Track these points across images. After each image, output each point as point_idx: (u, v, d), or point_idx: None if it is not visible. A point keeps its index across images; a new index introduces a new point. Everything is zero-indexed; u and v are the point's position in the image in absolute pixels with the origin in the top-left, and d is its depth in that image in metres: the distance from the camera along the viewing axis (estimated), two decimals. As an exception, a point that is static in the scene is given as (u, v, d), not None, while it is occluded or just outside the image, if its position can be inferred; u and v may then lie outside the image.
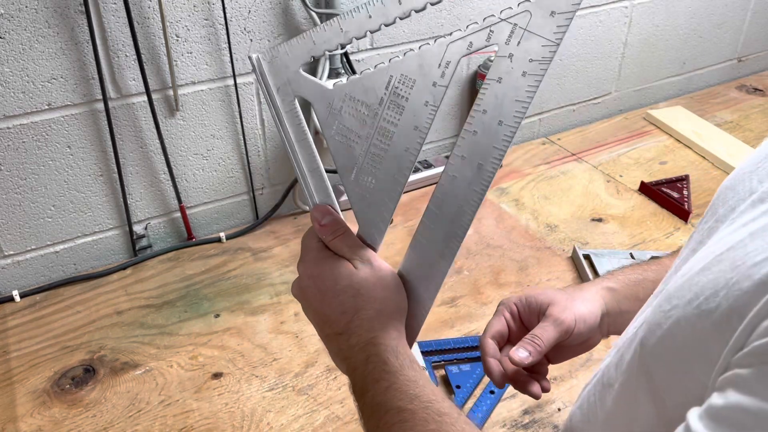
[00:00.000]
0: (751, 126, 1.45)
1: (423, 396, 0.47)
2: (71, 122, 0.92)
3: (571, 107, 1.45)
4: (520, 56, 0.45)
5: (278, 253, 1.07)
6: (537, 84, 0.44)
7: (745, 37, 1.65)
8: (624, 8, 1.38)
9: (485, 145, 0.47)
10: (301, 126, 0.52)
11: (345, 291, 0.53)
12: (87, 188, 0.99)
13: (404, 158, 0.51)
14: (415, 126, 0.50)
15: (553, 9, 0.43)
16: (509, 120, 0.46)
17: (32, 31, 0.84)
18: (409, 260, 0.54)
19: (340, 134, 0.52)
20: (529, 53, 0.44)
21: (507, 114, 0.46)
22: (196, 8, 0.94)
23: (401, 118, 0.50)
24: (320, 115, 0.51)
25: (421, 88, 0.49)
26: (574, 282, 1.00)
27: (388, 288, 0.53)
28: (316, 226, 0.55)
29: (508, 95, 0.46)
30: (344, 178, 0.53)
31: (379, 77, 0.50)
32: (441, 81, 0.49)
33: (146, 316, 0.94)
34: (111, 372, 0.85)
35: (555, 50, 0.43)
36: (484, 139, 0.47)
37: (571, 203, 1.18)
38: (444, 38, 0.48)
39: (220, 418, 0.79)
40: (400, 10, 0.48)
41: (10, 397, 0.82)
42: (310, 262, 0.55)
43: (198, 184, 1.08)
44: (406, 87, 0.50)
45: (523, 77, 0.45)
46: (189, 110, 1.01)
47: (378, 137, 0.51)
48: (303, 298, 0.55)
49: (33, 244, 0.99)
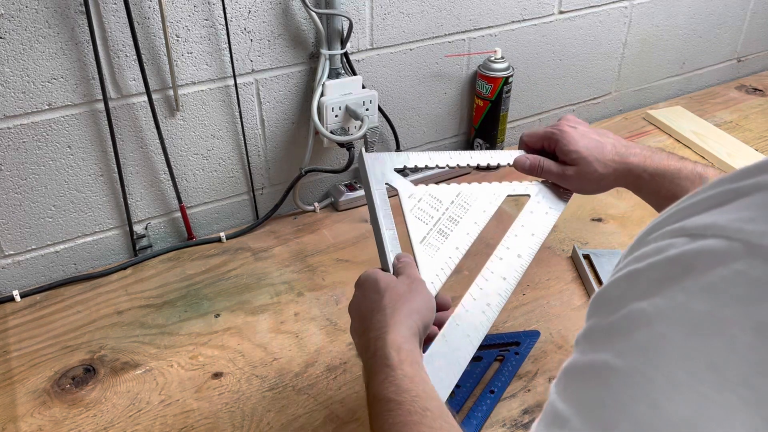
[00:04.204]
0: (751, 126, 1.45)
1: (413, 391, 0.50)
2: (71, 122, 0.93)
3: (571, 107, 1.46)
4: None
5: (278, 253, 1.07)
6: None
7: (745, 38, 1.65)
8: (623, 8, 1.38)
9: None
10: (387, 202, 0.72)
11: (378, 292, 0.61)
12: (87, 188, 0.99)
13: (463, 240, 0.72)
14: (475, 222, 0.74)
15: None
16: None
17: (32, 31, 0.84)
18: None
19: (417, 212, 0.72)
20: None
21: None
22: (196, 8, 0.94)
23: (465, 215, 0.74)
24: (402, 199, 0.72)
25: (481, 203, 0.76)
26: (574, 282, 1.00)
27: (416, 300, 0.60)
28: (396, 262, 0.67)
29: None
30: (413, 242, 0.70)
31: (451, 190, 0.75)
32: (489, 208, 0.76)
33: (146, 315, 0.94)
34: (111, 372, 0.85)
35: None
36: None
37: (571, 203, 1.18)
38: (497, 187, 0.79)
39: (220, 417, 0.79)
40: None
41: (11, 396, 0.82)
42: (361, 279, 0.65)
43: (198, 184, 1.08)
44: (470, 198, 0.76)
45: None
46: (189, 110, 1.01)
47: (445, 221, 0.73)
48: (351, 313, 0.65)
49: (33, 244, 0.99)
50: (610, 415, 0.30)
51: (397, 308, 0.58)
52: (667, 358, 0.29)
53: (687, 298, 0.29)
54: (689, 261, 0.29)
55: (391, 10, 1.10)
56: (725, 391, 0.27)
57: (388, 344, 0.54)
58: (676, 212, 0.32)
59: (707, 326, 0.28)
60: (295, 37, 1.03)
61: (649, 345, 0.30)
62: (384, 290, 0.60)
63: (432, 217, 0.72)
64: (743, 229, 0.27)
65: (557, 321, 0.92)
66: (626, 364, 0.30)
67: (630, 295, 0.31)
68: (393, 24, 1.11)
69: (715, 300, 0.28)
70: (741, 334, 0.27)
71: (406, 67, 1.16)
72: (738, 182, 0.29)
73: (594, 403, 0.31)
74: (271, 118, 1.08)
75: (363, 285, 0.64)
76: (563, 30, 1.32)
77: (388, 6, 1.09)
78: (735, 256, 0.27)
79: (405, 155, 0.77)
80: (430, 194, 0.74)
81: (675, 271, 0.30)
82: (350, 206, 1.18)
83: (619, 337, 0.31)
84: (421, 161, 0.76)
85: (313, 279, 1.01)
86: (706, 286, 0.28)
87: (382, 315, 0.58)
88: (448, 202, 0.73)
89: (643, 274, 0.31)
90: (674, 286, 0.29)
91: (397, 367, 0.52)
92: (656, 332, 0.29)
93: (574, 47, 1.36)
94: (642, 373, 0.29)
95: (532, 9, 1.25)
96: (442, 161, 0.77)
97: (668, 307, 0.29)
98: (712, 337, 0.27)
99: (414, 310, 0.59)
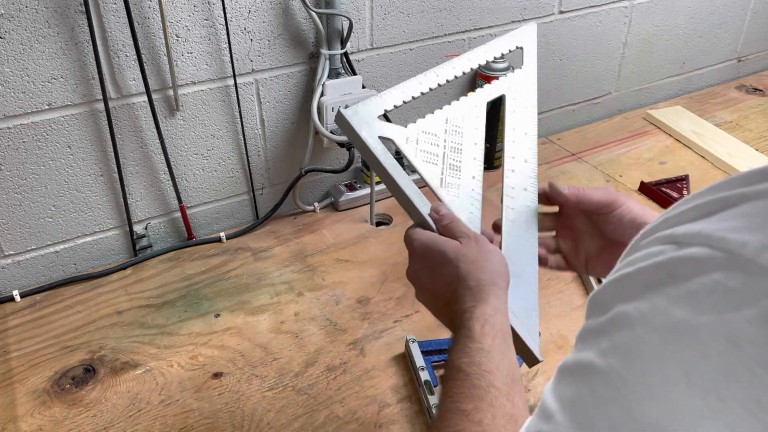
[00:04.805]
0: (751, 126, 1.45)
1: (485, 366, 0.51)
2: (71, 122, 0.93)
3: (571, 107, 1.46)
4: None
5: (278, 253, 1.07)
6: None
7: (745, 37, 1.65)
8: (624, 8, 1.38)
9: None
10: (388, 153, 0.65)
11: (451, 263, 0.58)
12: (87, 188, 0.99)
13: (475, 166, 0.69)
14: (475, 143, 0.70)
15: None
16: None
17: (32, 31, 0.84)
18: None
19: (422, 155, 0.67)
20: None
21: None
22: (196, 8, 0.94)
23: (463, 140, 0.70)
24: (400, 144, 0.67)
25: (470, 120, 0.71)
26: (574, 282, 1.00)
27: (491, 261, 0.58)
28: (435, 217, 0.63)
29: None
30: (434, 188, 0.67)
31: (438, 118, 0.70)
32: (479, 124, 0.71)
33: (146, 315, 0.94)
34: (111, 372, 0.85)
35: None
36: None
37: (571, 203, 1.18)
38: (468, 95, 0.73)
39: (220, 417, 0.79)
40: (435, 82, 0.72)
41: (11, 396, 0.82)
42: (421, 248, 0.61)
43: (198, 184, 1.08)
44: (459, 120, 0.70)
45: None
46: (189, 110, 1.01)
47: (450, 155, 0.68)
48: (417, 282, 0.62)
49: (33, 244, 0.99)
50: (589, 414, 0.31)
51: (480, 279, 0.56)
52: (644, 361, 0.30)
53: (668, 304, 0.29)
54: (674, 268, 0.30)
55: (391, 10, 1.10)
56: (694, 397, 0.27)
57: (475, 317, 0.54)
58: (668, 219, 0.32)
59: (683, 333, 0.28)
60: (295, 37, 1.03)
61: (629, 348, 0.30)
62: (456, 260, 0.58)
63: (437, 156, 0.68)
64: (726, 238, 0.28)
65: (557, 321, 0.92)
66: (607, 364, 0.31)
67: (618, 298, 0.32)
68: (393, 24, 1.11)
69: (693, 308, 0.28)
70: (713, 343, 0.27)
71: (406, 67, 1.16)
72: (727, 191, 0.30)
73: (576, 401, 0.32)
74: (271, 118, 1.08)
75: (426, 256, 0.60)
76: (563, 30, 1.32)
77: (388, 6, 1.09)
78: (716, 265, 0.28)
79: (380, 99, 0.68)
80: (423, 131, 0.69)
81: (660, 276, 0.30)
82: (350, 206, 1.18)
83: (604, 338, 0.32)
84: (398, 99, 0.69)
85: (313, 279, 1.01)
86: (686, 294, 0.29)
87: (465, 288, 0.56)
88: (443, 133, 0.69)
89: (631, 278, 0.32)
90: (658, 291, 0.30)
91: (476, 339, 0.52)
92: (636, 335, 0.30)
93: (574, 47, 1.36)
94: (619, 375, 0.30)
95: (532, 9, 1.25)
96: (416, 90, 0.71)
97: (649, 312, 0.30)
98: (686, 344, 0.28)
99: (495, 272, 0.58)
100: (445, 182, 0.67)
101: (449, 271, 0.58)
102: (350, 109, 0.66)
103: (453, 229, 0.61)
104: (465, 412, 0.48)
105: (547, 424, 0.33)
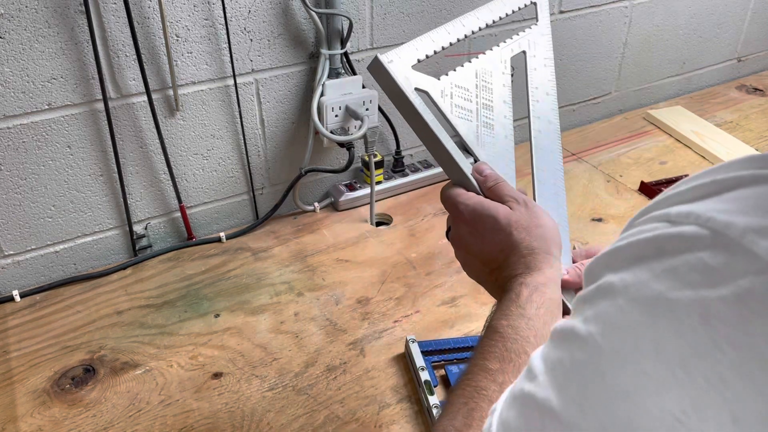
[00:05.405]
0: (751, 126, 1.45)
1: (523, 332, 0.51)
2: (71, 122, 0.93)
3: (571, 107, 1.45)
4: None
5: (278, 253, 1.07)
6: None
7: (745, 37, 1.65)
8: (624, 8, 1.38)
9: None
10: (427, 108, 0.60)
11: (503, 230, 0.57)
12: (87, 188, 0.99)
13: (507, 125, 0.66)
14: (504, 101, 0.67)
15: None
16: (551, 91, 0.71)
17: (32, 31, 0.84)
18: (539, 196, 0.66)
19: (457, 111, 0.63)
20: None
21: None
22: (196, 8, 0.94)
23: (493, 97, 0.66)
24: (435, 98, 0.62)
25: (497, 76, 0.67)
26: (574, 282, 1.00)
27: (544, 227, 0.57)
28: (479, 177, 0.60)
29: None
30: (470, 144, 0.63)
31: (469, 71, 0.66)
32: (506, 80, 0.68)
33: (146, 315, 0.94)
34: (111, 372, 0.85)
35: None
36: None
37: (571, 203, 1.18)
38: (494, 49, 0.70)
39: (220, 418, 0.79)
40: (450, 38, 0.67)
41: (10, 397, 0.82)
42: (469, 213, 0.59)
43: (198, 184, 1.08)
44: (487, 75, 0.67)
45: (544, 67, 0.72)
46: (189, 110, 1.01)
47: (483, 111, 0.65)
48: (462, 246, 0.60)
49: (33, 244, 0.99)
50: (567, 377, 0.33)
51: (535, 247, 0.56)
52: (620, 331, 0.31)
53: (650, 277, 0.30)
54: (663, 243, 0.30)
55: (391, 10, 1.10)
56: (662, 368, 0.28)
57: (525, 283, 0.54)
58: (665, 199, 0.33)
59: (659, 306, 0.29)
60: (295, 37, 1.03)
61: (609, 317, 0.31)
62: (508, 226, 0.56)
63: (471, 112, 0.64)
64: (714, 218, 0.29)
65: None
66: (587, 331, 0.32)
67: (607, 268, 0.33)
68: (393, 24, 1.11)
69: (673, 282, 0.29)
70: (687, 318, 0.28)
71: (406, 67, 1.16)
72: (724, 174, 0.31)
73: (557, 364, 0.34)
74: (271, 118, 1.08)
75: (475, 221, 0.58)
76: (563, 30, 1.32)
77: (388, 6, 1.09)
78: (702, 243, 0.28)
79: (412, 48, 0.62)
80: (455, 84, 0.64)
81: (648, 251, 0.31)
82: (350, 206, 1.18)
83: (588, 306, 0.33)
84: (429, 49, 0.63)
85: (313, 279, 1.01)
86: (668, 269, 0.29)
87: (518, 256, 0.55)
88: (474, 88, 0.65)
89: (622, 250, 0.33)
90: (643, 264, 0.31)
91: (521, 305, 0.53)
92: (617, 305, 0.31)
93: (575, 47, 1.36)
94: (596, 342, 0.31)
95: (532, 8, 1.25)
96: (445, 40, 0.65)
97: (632, 283, 0.31)
98: (661, 317, 0.29)
99: (549, 239, 0.56)
100: (481, 141, 0.63)
101: (501, 238, 0.57)
102: (389, 54, 0.60)
103: (500, 192, 0.59)
104: (490, 371, 0.49)
105: (530, 383, 0.35)
